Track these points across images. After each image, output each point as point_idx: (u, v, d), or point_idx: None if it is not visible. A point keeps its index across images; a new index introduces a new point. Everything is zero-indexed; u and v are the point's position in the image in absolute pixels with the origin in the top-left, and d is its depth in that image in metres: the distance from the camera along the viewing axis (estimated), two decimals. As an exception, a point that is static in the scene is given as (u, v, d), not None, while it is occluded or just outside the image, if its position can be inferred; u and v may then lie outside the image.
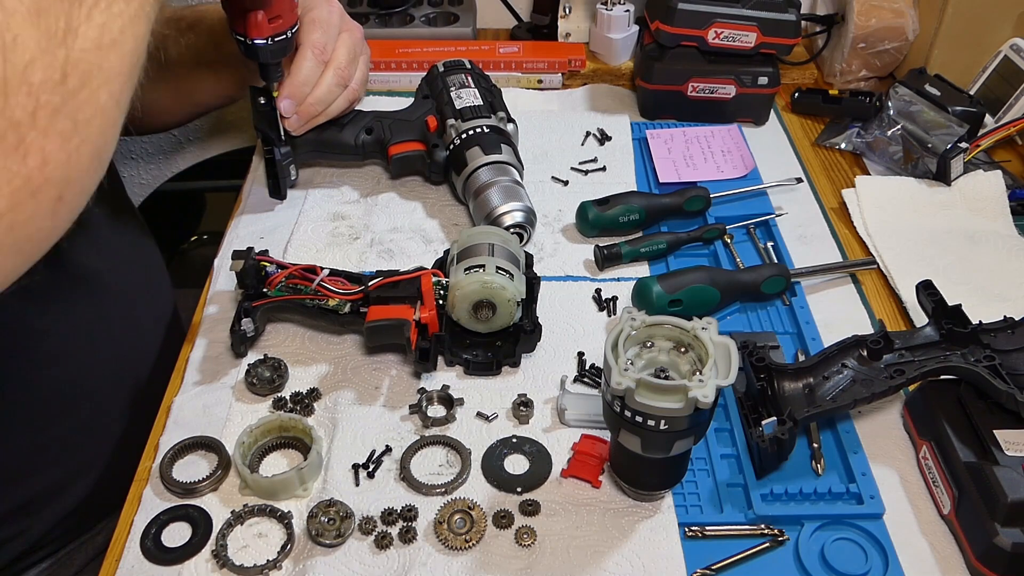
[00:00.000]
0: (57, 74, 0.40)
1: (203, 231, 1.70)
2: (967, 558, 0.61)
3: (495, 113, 0.93)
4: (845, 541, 0.63)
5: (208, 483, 0.65)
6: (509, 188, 0.86)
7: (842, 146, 1.06)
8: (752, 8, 1.00)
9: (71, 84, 0.41)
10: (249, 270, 0.74)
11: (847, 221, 0.95)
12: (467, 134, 0.90)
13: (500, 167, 0.87)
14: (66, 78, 0.40)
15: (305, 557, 0.61)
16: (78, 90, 0.41)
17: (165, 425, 0.71)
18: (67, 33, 0.40)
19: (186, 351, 0.78)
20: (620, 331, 0.58)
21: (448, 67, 0.98)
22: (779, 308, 0.83)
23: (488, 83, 0.98)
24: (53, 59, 0.40)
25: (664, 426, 0.56)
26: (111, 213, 0.86)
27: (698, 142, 1.03)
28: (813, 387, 0.68)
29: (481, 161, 0.87)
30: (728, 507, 0.65)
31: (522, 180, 0.89)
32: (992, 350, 0.66)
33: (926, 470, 0.67)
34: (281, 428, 0.69)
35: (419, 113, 0.95)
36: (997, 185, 0.95)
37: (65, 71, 0.40)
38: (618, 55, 1.16)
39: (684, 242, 0.88)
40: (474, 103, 0.93)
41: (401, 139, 0.93)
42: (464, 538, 0.62)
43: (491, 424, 0.71)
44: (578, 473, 0.66)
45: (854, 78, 1.15)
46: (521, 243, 0.85)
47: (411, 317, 0.72)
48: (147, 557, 0.61)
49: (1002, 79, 1.03)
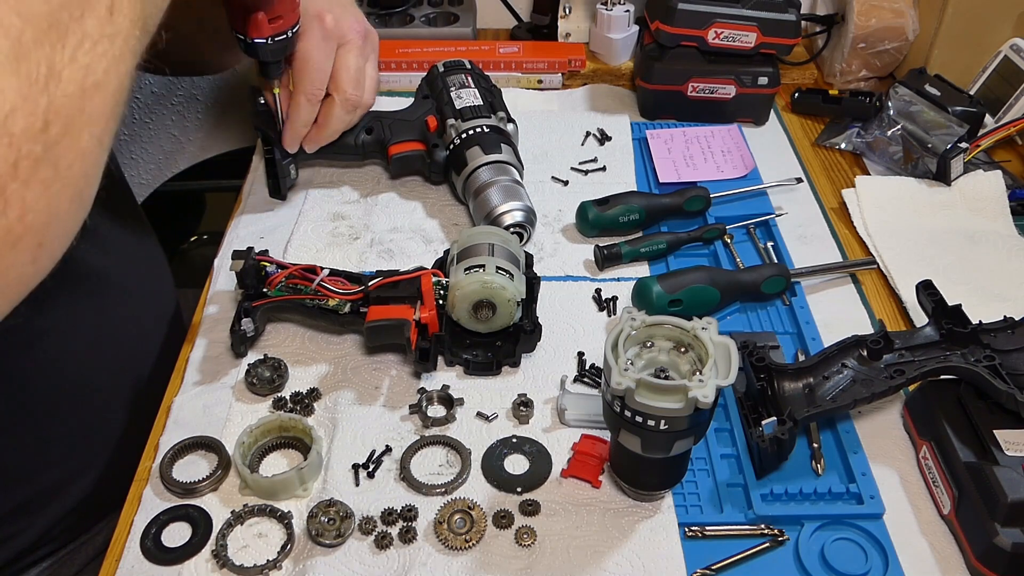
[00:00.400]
0: (39, 122, 0.38)
1: (203, 231, 1.70)
2: (967, 558, 0.61)
3: (495, 113, 0.93)
4: (845, 541, 0.63)
5: (208, 483, 0.65)
6: (509, 187, 0.86)
7: (842, 146, 1.06)
8: (752, 8, 1.00)
9: (53, 132, 0.39)
10: (249, 270, 0.74)
11: (847, 221, 0.95)
12: (467, 134, 0.90)
13: (500, 167, 0.87)
14: (48, 126, 0.38)
15: (305, 557, 0.61)
16: (61, 137, 0.39)
17: (165, 425, 0.71)
18: (49, 78, 0.38)
19: (186, 351, 0.78)
20: (620, 331, 0.58)
21: (448, 67, 0.98)
22: (779, 308, 0.83)
23: (488, 83, 0.98)
24: (35, 107, 0.38)
25: (664, 426, 0.56)
26: (115, 212, 0.86)
27: (698, 142, 1.03)
28: (813, 387, 0.68)
29: (481, 161, 0.87)
30: (728, 507, 0.65)
31: (522, 180, 0.89)
32: (992, 350, 0.66)
33: (926, 470, 0.67)
34: (281, 428, 0.69)
35: (419, 113, 0.95)
36: (997, 185, 0.95)
37: (47, 119, 0.38)
38: (618, 55, 1.16)
39: (684, 242, 0.88)
40: (474, 103, 0.93)
41: (401, 139, 0.93)
42: (464, 538, 0.62)
43: (491, 424, 0.71)
44: (578, 473, 0.66)
45: (854, 78, 1.15)
46: (521, 243, 0.85)
47: (411, 317, 0.72)
48: (147, 557, 0.61)
49: (1002, 79, 1.03)
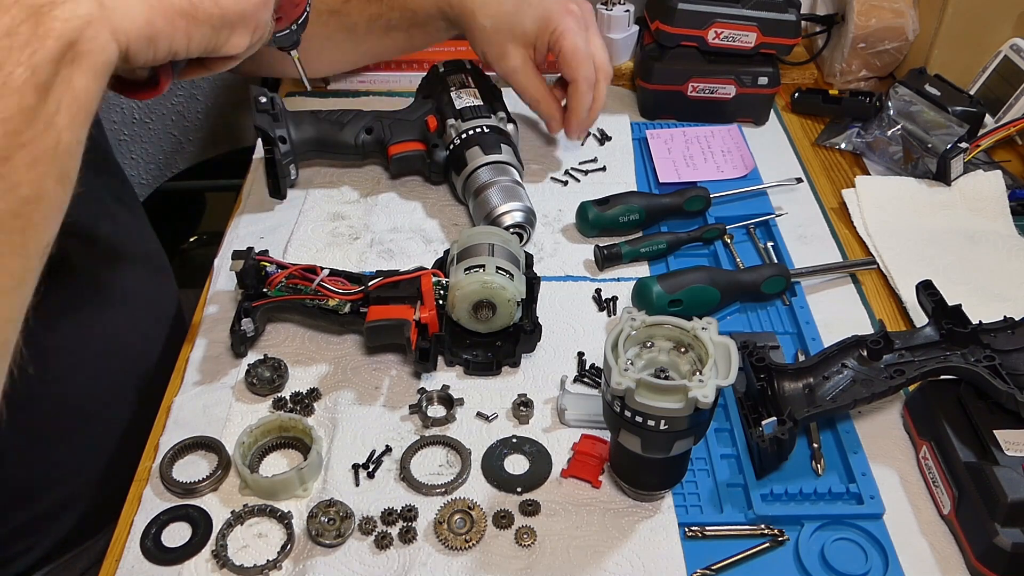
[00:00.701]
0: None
1: (203, 231, 1.70)
2: (967, 558, 0.61)
3: (495, 113, 0.93)
4: (845, 541, 0.63)
5: (208, 483, 0.65)
6: (509, 188, 0.86)
7: (842, 146, 1.06)
8: (752, 8, 1.00)
9: None
10: (249, 270, 0.74)
11: (847, 221, 0.95)
12: (467, 134, 0.90)
13: (500, 167, 0.87)
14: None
15: (305, 557, 0.61)
16: None
17: (165, 425, 0.71)
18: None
19: (186, 351, 0.78)
20: (620, 331, 0.58)
21: (448, 67, 0.98)
22: (779, 308, 0.83)
23: (488, 83, 0.98)
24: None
25: (664, 426, 0.56)
26: (122, 216, 0.86)
27: (698, 142, 1.03)
28: (813, 387, 0.68)
29: (481, 161, 0.87)
30: (728, 507, 0.65)
31: (522, 180, 0.89)
32: (992, 350, 0.66)
33: (926, 470, 0.67)
34: (281, 428, 0.69)
35: (419, 113, 0.95)
36: (997, 185, 0.95)
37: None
38: (618, 55, 1.16)
39: (684, 242, 0.88)
40: (474, 103, 0.93)
41: (401, 139, 0.93)
42: (464, 538, 0.62)
43: (491, 424, 0.71)
44: (578, 473, 0.66)
45: (854, 78, 1.15)
46: (521, 243, 0.85)
47: (411, 317, 0.72)
48: (147, 557, 0.61)
49: (1002, 79, 1.03)
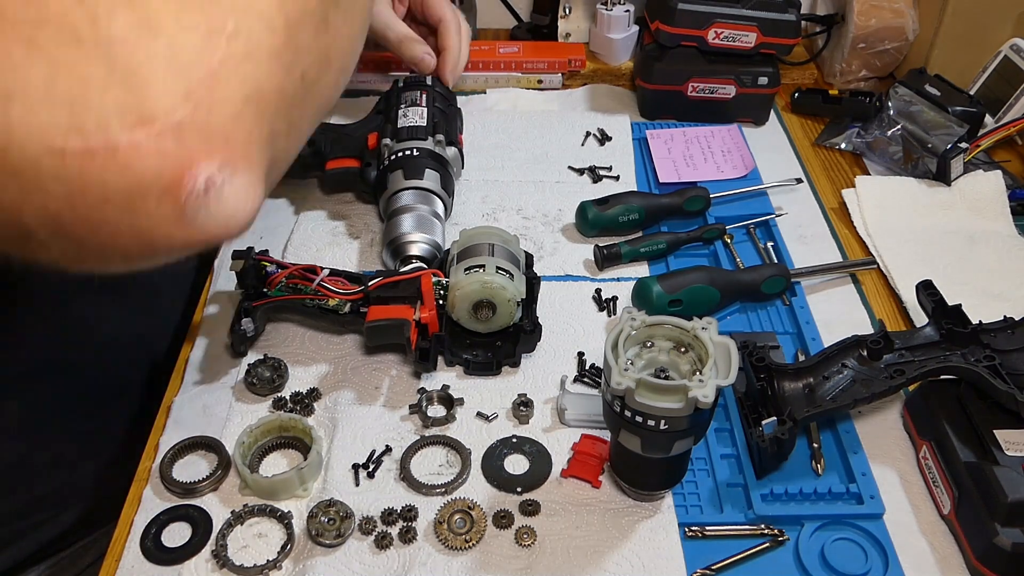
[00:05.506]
0: None
1: (203, 231, 1.69)
2: (967, 558, 0.61)
3: (434, 135, 0.88)
4: (845, 541, 0.63)
5: (208, 483, 0.65)
6: (423, 218, 0.81)
7: (842, 146, 1.06)
8: (752, 8, 1.00)
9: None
10: (249, 270, 0.74)
11: (847, 221, 0.95)
12: (396, 156, 0.86)
13: (421, 194, 0.83)
14: None
15: (305, 557, 0.61)
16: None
17: (165, 425, 0.71)
18: None
19: (186, 351, 0.78)
20: (620, 331, 0.58)
21: (407, 83, 0.95)
22: (779, 308, 0.83)
23: (445, 105, 0.94)
24: None
25: (664, 426, 0.56)
26: None
27: (698, 142, 1.03)
28: (813, 387, 0.67)
29: (400, 185, 0.83)
30: (728, 507, 0.65)
31: (447, 209, 0.86)
32: (992, 350, 0.66)
33: (926, 470, 0.67)
34: (281, 428, 0.69)
35: (364, 129, 0.91)
36: (997, 185, 0.95)
37: None
38: (618, 55, 1.16)
39: (684, 242, 0.88)
40: (416, 123, 0.88)
41: (338, 155, 0.89)
42: (464, 538, 0.62)
43: (491, 424, 0.71)
44: (578, 473, 0.66)
45: (854, 78, 1.15)
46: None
47: (411, 317, 0.72)
48: (147, 557, 0.61)
49: (1002, 79, 1.03)
